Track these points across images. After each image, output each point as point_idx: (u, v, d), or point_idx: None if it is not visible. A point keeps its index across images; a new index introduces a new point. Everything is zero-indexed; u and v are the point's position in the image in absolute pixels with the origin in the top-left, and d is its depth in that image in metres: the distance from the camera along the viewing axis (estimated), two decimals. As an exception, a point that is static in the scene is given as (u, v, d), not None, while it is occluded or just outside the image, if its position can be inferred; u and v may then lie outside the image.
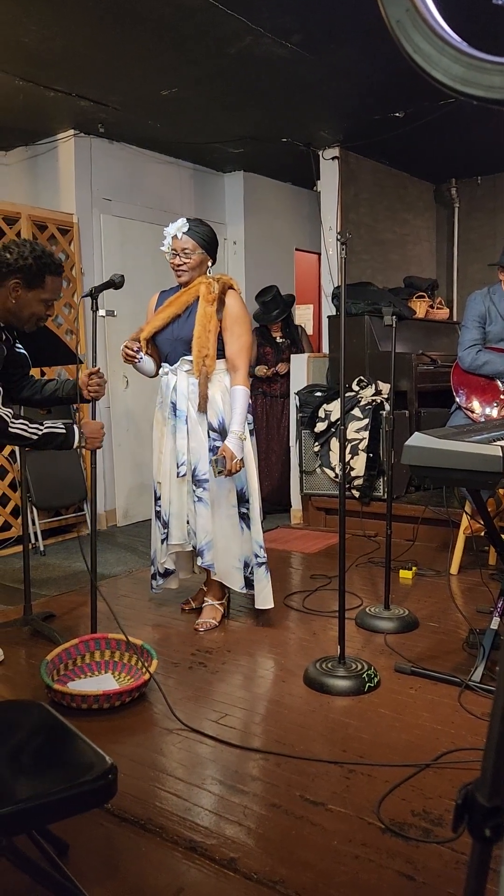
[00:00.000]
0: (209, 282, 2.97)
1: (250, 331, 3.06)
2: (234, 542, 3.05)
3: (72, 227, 4.98)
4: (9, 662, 2.85)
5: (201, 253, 2.99)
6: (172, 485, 3.05)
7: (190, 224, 2.98)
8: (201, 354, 2.92)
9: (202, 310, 2.92)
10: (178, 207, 5.76)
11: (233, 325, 2.96)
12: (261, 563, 3.07)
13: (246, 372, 3.00)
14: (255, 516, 3.07)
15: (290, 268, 6.58)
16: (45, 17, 3.42)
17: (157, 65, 3.98)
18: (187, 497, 3.03)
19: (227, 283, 3.01)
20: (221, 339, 2.97)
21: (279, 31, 3.59)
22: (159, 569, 3.18)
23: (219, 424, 2.99)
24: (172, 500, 3.06)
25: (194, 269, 3.00)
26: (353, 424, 4.69)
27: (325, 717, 2.36)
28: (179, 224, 2.98)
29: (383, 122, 4.92)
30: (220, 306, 2.95)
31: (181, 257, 2.97)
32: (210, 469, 2.93)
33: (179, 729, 2.29)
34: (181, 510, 3.06)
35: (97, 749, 1.41)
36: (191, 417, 2.99)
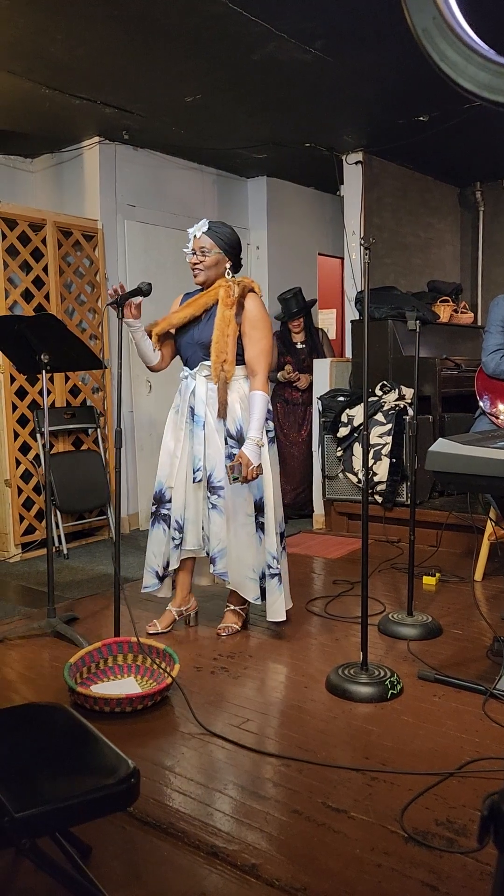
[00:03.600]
0: (229, 284, 2.94)
1: (270, 335, 3.01)
2: (250, 552, 2.98)
3: (96, 233, 5.03)
4: (32, 665, 2.88)
5: (218, 253, 2.95)
6: (188, 490, 3.02)
7: (211, 224, 2.97)
8: (220, 359, 2.89)
9: (221, 313, 2.89)
10: (201, 213, 5.78)
11: (251, 330, 2.93)
12: (273, 574, 3.01)
13: (265, 377, 2.97)
14: (271, 527, 3.01)
15: (314, 272, 6.58)
16: (70, 27, 3.46)
17: (180, 72, 4.01)
18: (203, 503, 3.00)
19: (248, 285, 2.97)
20: (241, 343, 2.94)
21: (302, 36, 3.60)
22: (160, 571, 3.09)
23: (237, 432, 2.95)
24: (188, 506, 3.02)
25: (210, 269, 2.96)
26: (377, 429, 4.67)
27: (348, 724, 2.35)
28: (200, 224, 2.97)
29: (407, 126, 4.90)
30: (239, 310, 2.91)
31: (198, 255, 2.95)
32: (226, 476, 2.89)
33: (201, 734, 2.29)
34: (197, 515, 3.02)
35: (120, 753, 1.42)
36: (208, 423, 2.95)
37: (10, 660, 2.92)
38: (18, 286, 4.62)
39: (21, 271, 4.66)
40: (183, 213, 5.54)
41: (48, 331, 3.08)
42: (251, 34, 3.54)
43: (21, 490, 4.61)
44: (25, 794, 1.30)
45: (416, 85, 4.13)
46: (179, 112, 4.61)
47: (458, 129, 4.86)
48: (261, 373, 2.94)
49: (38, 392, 4.60)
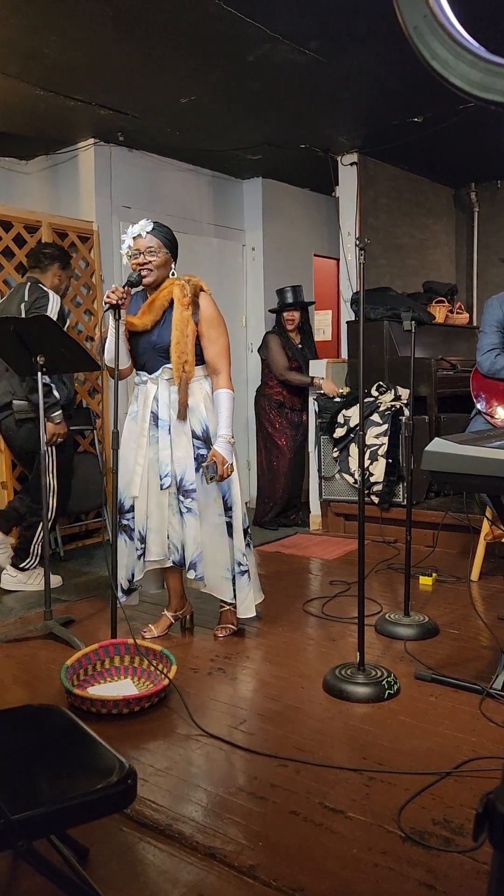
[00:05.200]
0: (182, 284, 2.87)
1: (226, 333, 2.95)
2: (221, 552, 2.96)
3: (92, 234, 5.02)
4: (29, 667, 2.87)
5: (165, 252, 2.89)
6: (151, 498, 2.95)
7: (154, 224, 2.89)
8: (181, 360, 2.82)
9: (178, 314, 2.82)
10: (196, 214, 5.79)
11: (209, 329, 2.88)
12: (244, 570, 2.99)
13: (229, 374, 2.92)
14: (238, 525, 2.98)
15: (309, 273, 6.59)
16: (65, 28, 3.46)
17: (175, 73, 4.01)
18: (168, 510, 2.93)
19: (198, 284, 2.91)
20: (200, 344, 2.89)
21: (297, 37, 3.60)
22: (124, 584, 3.03)
23: (202, 432, 2.91)
24: (151, 514, 2.95)
25: (160, 269, 2.88)
26: (373, 430, 4.67)
27: (345, 724, 2.35)
28: (143, 223, 2.87)
29: (402, 127, 4.91)
30: (195, 309, 2.86)
31: (146, 255, 2.86)
32: (201, 476, 2.86)
33: (199, 735, 2.29)
34: (161, 524, 2.95)
35: (116, 754, 1.42)
36: (174, 427, 2.89)
37: (7, 662, 2.92)
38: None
39: (17, 273, 4.65)
40: (179, 214, 5.54)
41: (43, 333, 3.08)
42: (246, 35, 3.55)
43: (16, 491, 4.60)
44: (22, 796, 1.30)
45: (410, 86, 4.14)
46: (174, 113, 4.61)
47: (453, 131, 4.87)
48: (224, 371, 2.90)
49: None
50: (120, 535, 3.02)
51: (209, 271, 5.66)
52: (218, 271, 5.88)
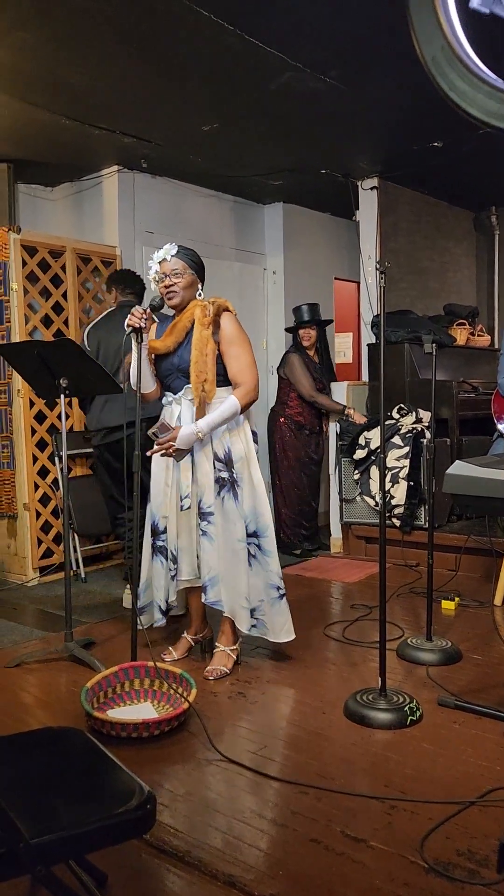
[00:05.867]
0: (204, 305, 2.87)
1: (250, 350, 2.92)
2: (242, 579, 2.88)
3: (115, 259, 5.10)
4: (49, 689, 2.87)
5: (191, 274, 2.90)
6: (180, 518, 2.95)
7: (179, 247, 2.91)
8: (199, 379, 2.81)
9: (198, 334, 2.82)
10: (218, 239, 5.85)
11: (229, 347, 2.86)
12: (282, 594, 2.95)
13: (248, 389, 2.85)
14: (272, 548, 2.93)
15: (330, 296, 6.62)
16: (90, 59, 3.55)
17: (198, 101, 4.09)
18: (195, 530, 2.93)
19: (222, 305, 2.90)
20: (223, 363, 2.87)
21: (318, 66, 3.66)
22: (162, 605, 3.04)
23: (224, 454, 2.88)
24: (181, 534, 2.96)
25: (185, 290, 2.90)
26: (394, 452, 4.65)
27: (366, 751, 2.32)
28: (168, 247, 2.90)
29: (422, 152, 4.95)
30: (215, 329, 2.85)
31: (171, 278, 2.88)
32: (221, 500, 2.85)
33: (218, 760, 2.27)
34: (190, 544, 2.95)
35: (136, 778, 1.41)
36: (196, 448, 2.87)
37: (28, 684, 2.92)
38: (38, 312, 4.69)
39: (41, 297, 4.72)
40: (200, 239, 5.60)
41: (67, 356, 3.12)
42: (267, 65, 3.61)
43: (39, 514, 4.64)
44: (41, 820, 1.29)
45: (429, 111, 4.18)
46: (197, 140, 4.69)
47: (472, 155, 4.90)
48: (244, 384, 2.85)
49: (56, 416, 4.64)
50: (156, 557, 3.04)
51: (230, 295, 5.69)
52: (239, 295, 5.93)
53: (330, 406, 5.13)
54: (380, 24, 3.25)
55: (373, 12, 3.17)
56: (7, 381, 4.56)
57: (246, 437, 2.94)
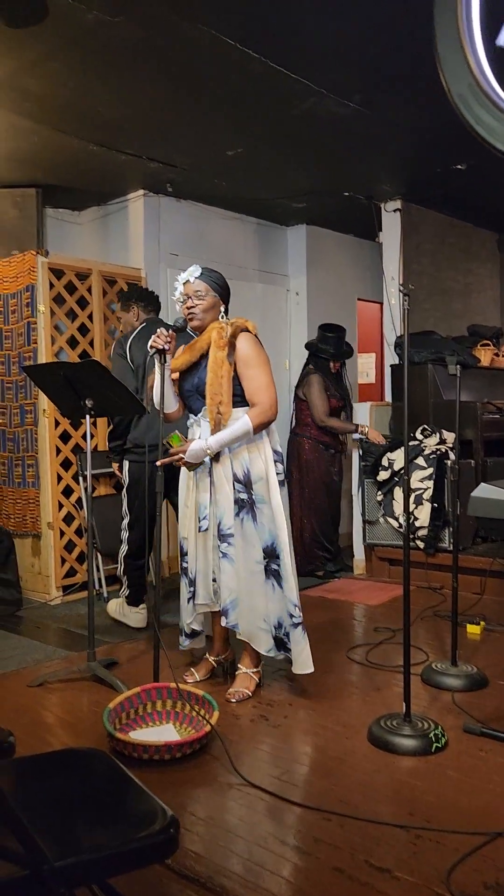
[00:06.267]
0: (221, 326, 2.87)
1: (268, 370, 2.89)
2: (260, 600, 2.84)
3: (139, 280, 5.16)
4: (72, 709, 2.87)
5: (213, 296, 2.91)
6: (198, 540, 2.95)
7: (203, 269, 2.93)
8: (214, 401, 2.81)
9: (213, 356, 2.82)
10: (241, 261, 5.91)
11: (245, 368, 2.84)
12: (296, 623, 2.85)
13: (265, 408, 2.81)
14: (288, 573, 2.86)
15: (353, 317, 6.64)
16: (118, 88, 3.63)
17: (223, 127, 4.15)
18: (213, 553, 2.91)
19: (241, 325, 2.89)
20: (241, 385, 2.86)
21: (341, 91, 3.70)
22: (185, 629, 3.05)
23: (244, 475, 2.86)
24: (198, 557, 2.95)
25: (207, 312, 2.91)
26: (417, 474, 4.63)
27: (391, 778, 2.28)
28: (192, 269, 2.92)
29: (445, 174, 4.97)
30: (231, 350, 2.84)
31: (193, 299, 2.90)
32: (241, 521, 2.83)
33: (240, 784, 2.25)
34: (207, 567, 2.92)
35: (159, 802, 1.40)
36: (215, 469, 2.86)
37: (50, 703, 2.93)
38: (64, 333, 4.75)
39: (67, 319, 4.79)
40: (224, 261, 5.66)
41: (92, 376, 3.15)
42: (291, 90, 3.66)
43: (63, 533, 4.67)
44: (64, 842, 1.29)
45: (452, 134, 4.19)
46: (221, 165, 4.75)
47: (496, 177, 4.90)
48: (259, 404, 2.83)
49: (81, 436, 4.68)
50: (182, 579, 3.04)
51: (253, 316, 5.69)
52: (262, 316, 5.97)
53: (342, 428, 5.08)
54: (403, 49, 3.29)
55: (395, 38, 3.21)
56: (33, 402, 4.62)
57: (266, 458, 2.90)
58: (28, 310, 4.60)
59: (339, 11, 3.01)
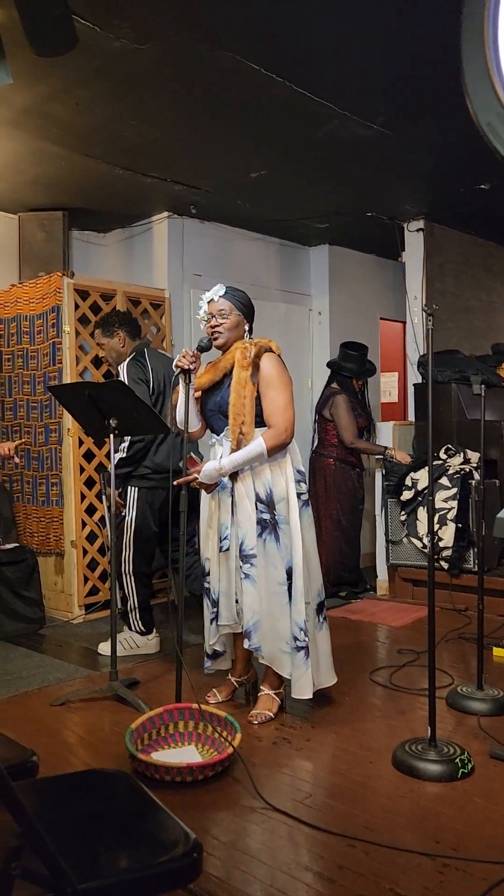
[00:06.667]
0: (245, 346, 2.88)
1: (288, 392, 2.88)
2: (283, 622, 2.81)
3: (163, 301, 5.21)
4: (93, 729, 2.87)
5: (237, 315, 2.93)
6: (221, 561, 2.94)
7: (227, 288, 2.95)
8: (237, 422, 2.81)
9: (237, 375, 2.83)
10: (264, 281, 5.94)
11: (266, 389, 2.84)
12: (300, 647, 2.80)
13: (280, 430, 2.80)
14: (299, 595, 2.82)
15: (375, 336, 6.64)
16: (143, 113, 3.69)
17: (246, 149, 4.20)
18: (235, 574, 2.89)
19: (265, 346, 2.88)
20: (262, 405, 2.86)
21: (364, 113, 3.73)
22: (208, 650, 3.03)
23: (266, 496, 2.84)
24: (221, 578, 2.93)
25: (231, 331, 2.92)
26: (441, 493, 4.59)
27: (416, 804, 2.24)
28: (216, 288, 2.94)
29: (468, 194, 4.97)
30: (255, 371, 2.84)
31: (217, 318, 2.91)
32: (263, 541, 2.81)
33: (263, 808, 2.22)
34: (229, 588, 2.90)
35: (182, 825, 1.39)
36: (237, 489, 2.85)
37: (72, 723, 2.92)
38: (89, 353, 4.80)
39: (91, 339, 4.84)
40: (247, 281, 5.69)
41: (116, 396, 3.18)
42: (315, 113, 3.69)
43: (86, 551, 4.69)
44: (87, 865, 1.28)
45: (475, 154, 4.19)
46: (245, 186, 4.80)
47: (520, 196, 4.90)
48: (275, 426, 2.82)
49: (104, 455, 4.71)
50: (205, 599, 3.03)
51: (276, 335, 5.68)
52: (285, 336, 5.98)
53: (370, 450, 5.08)
54: (425, 70, 3.31)
55: (418, 60, 3.23)
56: (58, 421, 4.66)
57: (288, 478, 2.89)
58: (53, 330, 4.66)
59: (363, 36, 3.04)
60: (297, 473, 2.92)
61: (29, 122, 3.74)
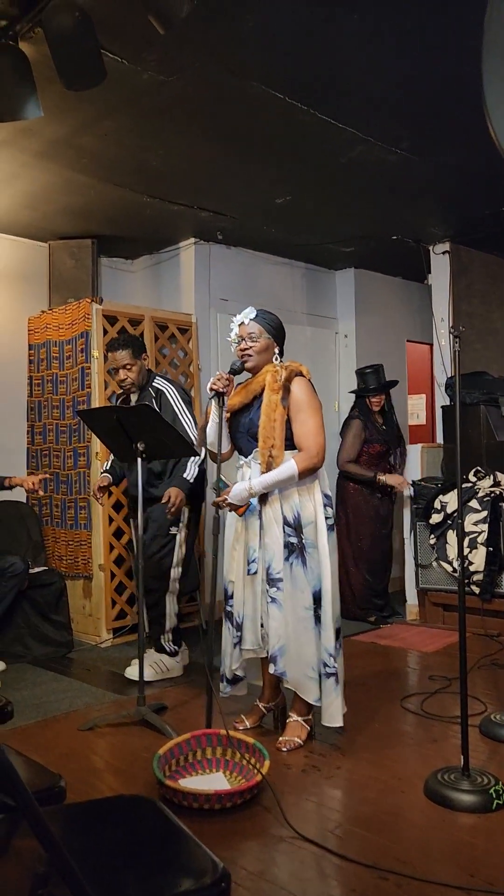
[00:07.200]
0: (276, 369, 2.89)
1: (319, 416, 2.88)
2: (309, 648, 2.78)
3: (190, 326, 5.26)
4: (121, 754, 2.85)
5: (267, 338, 2.94)
6: (246, 584, 2.91)
7: (257, 311, 2.96)
8: (267, 445, 2.81)
9: (267, 398, 2.84)
10: (290, 304, 5.98)
11: (297, 413, 2.84)
12: (330, 673, 2.78)
13: (312, 454, 2.79)
14: (328, 621, 2.80)
15: (402, 359, 6.62)
16: (170, 142, 3.76)
17: (271, 176, 4.25)
18: (261, 597, 2.86)
19: (296, 370, 2.89)
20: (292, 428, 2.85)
21: (389, 138, 3.76)
22: (227, 674, 2.99)
23: (294, 519, 2.83)
24: (246, 601, 2.91)
25: (260, 354, 2.93)
26: (471, 517, 4.53)
27: (449, 836, 2.19)
28: (247, 311, 2.95)
29: (494, 216, 4.97)
30: (286, 394, 2.84)
31: (247, 341, 2.93)
32: (290, 566, 2.79)
33: (292, 837, 2.18)
34: (255, 612, 2.87)
35: (211, 854, 1.37)
36: (265, 513, 2.84)
37: (99, 748, 2.91)
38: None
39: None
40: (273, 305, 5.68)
41: (144, 420, 3.20)
42: (339, 139, 3.73)
43: (113, 574, 4.70)
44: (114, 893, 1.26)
45: (500, 176, 4.21)
46: (270, 212, 4.85)
47: (547, 217, 4.88)
48: (306, 449, 2.81)
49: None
50: (225, 622, 3.01)
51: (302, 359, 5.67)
52: (311, 359, 5.99)
53: (360, 475, 5.01)
54: (448, 95, 3.34)
55: (441, 85, 3.25)
56: (86, 444, 4.71)
57: (316, 501, 2.88)
58: (82, 355, 4.73)
59: (386, 63, 3.08)
60: (325, 497, 2.91)
61: (59, 153, 3.83)
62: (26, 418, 5.21)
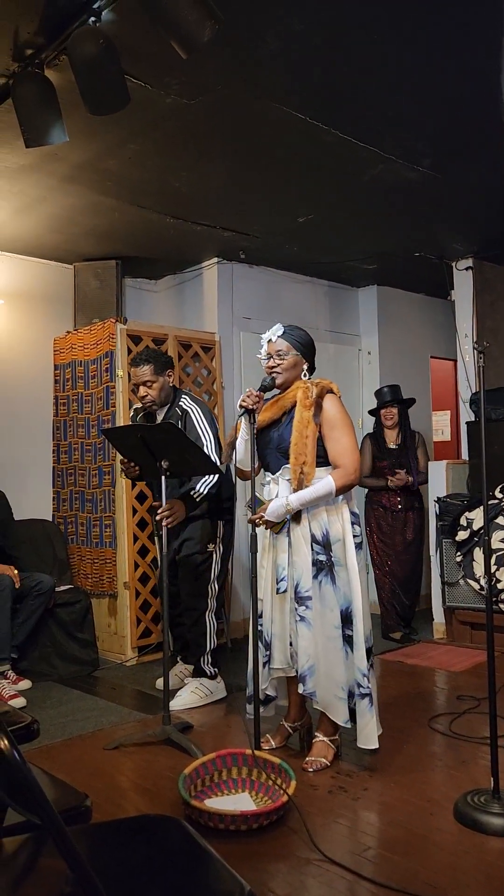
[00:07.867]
0: (306, 386, 2.89)
1: (352, 433, 2.89)
2: (338, 668, 2.75)
3: (214, 344, 5.30)
4: (146, 774, 2.84)
5: (296, 354, 2.95)
6: (274, 602, 2.89)
7: (285, 328, 2.98)
8: (299, 461, 2.79)
9: (299, 415, 2.84)
10: (313, 322, 5.99)
11: (330, 430, 2.84)
12: (364, 693, 2.75)
13: (347, 472, 2.79)
14: (360, 641, 2.77)
15: (426, 375, 6.59)
16: (193, 164, 3.81)
17: (293, 195, 4.28)
18: (290, 616, 2.84)
19: (326, 387, 2.89)
20: (324, 446, 2.85)
21: (410, 156, 3.77)
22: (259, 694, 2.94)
23: (322, 536, 2.81)
24: (275, 620, 2.89)
25: (289, 371, 2.94)
26: (498, 534, 4.47)
27: (480, 860, 2.14)
28: (275, 328, 2.97)
29: (517, 231, 4.95)
30: (317, 411, 2.84)
31: (275, 358, 2.94)
32: (319, 584, 2.77)
33: (319, 860, 2.15)
34: (283, 631, 2.86)
35: (237, 876, 1.35)
36: (293, 530, 2.83)
37: (125, 767, 2.90)
38: (141, 397, 4.89)
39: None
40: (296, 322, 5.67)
41: (168, 439, 3.22)
42: (361, 158, 3.75)
43: (139, 593, 4.70)
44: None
45: (524, 192, 4.21)
46: (293, 231, 4.88)
47: None
48: (343, 466, 2.80)
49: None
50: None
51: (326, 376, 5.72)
52: (334, 376, 5.98)
53: (372, 485, 5.11)
54: (470, 112, 3.34)
55: (462, 102, 3.26)
56: (111, 463, 4.74)
57: (344, 519, 2.86)
58: (107, 375, 4.78)
59: (407, 82, 3.10)
60: (353, 515, 2.89)
61: (84, 176, 3.89)
62: (52, 437, 5.27)
